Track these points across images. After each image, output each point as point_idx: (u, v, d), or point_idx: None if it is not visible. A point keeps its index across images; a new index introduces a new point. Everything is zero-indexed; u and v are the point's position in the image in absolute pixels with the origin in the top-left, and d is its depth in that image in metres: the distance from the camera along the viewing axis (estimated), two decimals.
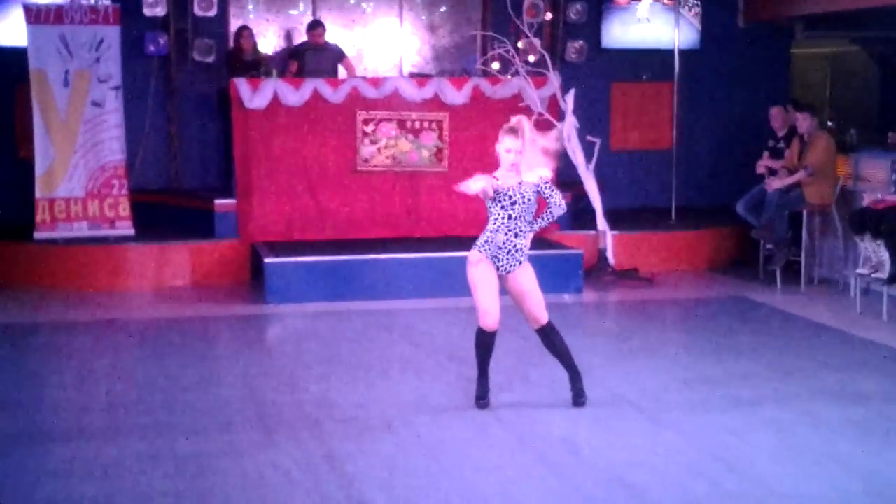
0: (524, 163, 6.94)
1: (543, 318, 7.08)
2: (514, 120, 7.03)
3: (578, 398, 7.17)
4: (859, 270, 10.25)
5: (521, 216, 6.93)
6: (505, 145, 6.93)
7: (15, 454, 6.33)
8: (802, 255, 11.36)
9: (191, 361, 8.53)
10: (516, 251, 6.96)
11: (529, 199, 6.94)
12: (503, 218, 6.93)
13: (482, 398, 7.15)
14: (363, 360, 8.52)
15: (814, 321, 9.88)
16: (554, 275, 10.75)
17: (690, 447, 6.47)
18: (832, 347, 9.00)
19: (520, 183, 6.93)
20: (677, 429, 6.79)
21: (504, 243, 6.92)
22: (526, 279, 7.02)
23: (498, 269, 6.97)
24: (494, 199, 6.91)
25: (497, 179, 6.90)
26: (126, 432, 6.74)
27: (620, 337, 9.47)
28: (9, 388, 7.77)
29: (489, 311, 6.96)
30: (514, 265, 6.98)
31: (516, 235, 6.94)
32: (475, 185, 6.82)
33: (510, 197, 6.90)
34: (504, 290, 7.05)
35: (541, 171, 6.98)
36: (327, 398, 7.44)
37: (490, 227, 6.96)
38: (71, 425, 6.92)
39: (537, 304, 7.06)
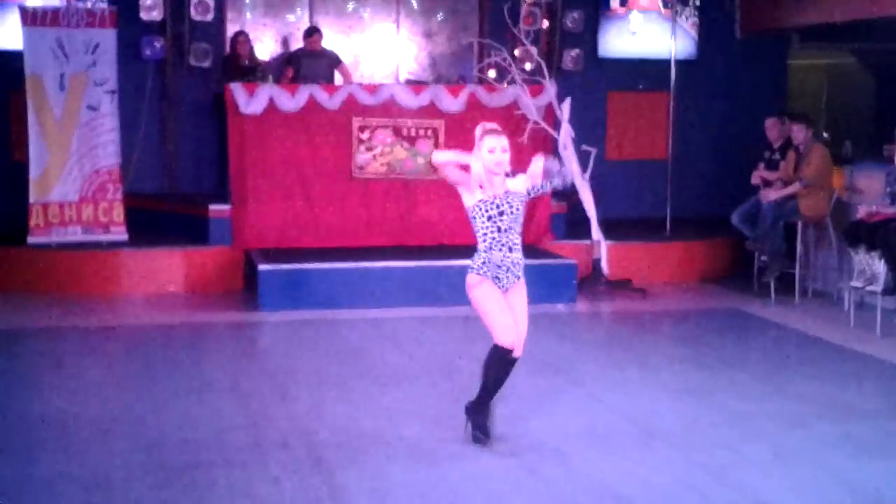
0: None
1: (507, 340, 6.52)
2: (487, 125, 6.57)
3: (477, 435, 6.62)
4: (853, 283, 10.23)
5: (510, 228, 6.48)
6: (487, 145, 6.37)
7: (1, 465, 6.28)
8: (797, 267, 11.35)
9: (183, 369, 8.50)
10: (514, 265, 6.53)
11: (518, 209, 6.50)
12: (493, 232, 6.46)
13: (483, 430, 6.60)
14: (356, 369, 8.49)
15: (807, 334, 9.87)
16: (548, 285, 10.78)
17: (682, 459, 6.45)
18: (825, 360, 8.97)
19: (506, 192, 6.50)
20: (669, 440, 6.77)
21: (502, 261, 6.49)
22: (519, 301, 6.59)
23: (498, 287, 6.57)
24: (480, 209, 6.44)
25: (482, 188, 6.45)
26: (115, 441, 6.70)
27: (613, 348, 9.45)
28: None
29: (509, 324, 6.45)
30: (514, 280, 6.58)
31: (511, 250, 6.49)
32: (537, 167, 6.52)
33: (497, 206, 6.45)
34: None
35: (525, 178, 6.53)
36: (320, 408, 7.41)
37: (481, 246, 6.52)
38: (60, 434, 6.87)
39: (519, 330, 6.57)
